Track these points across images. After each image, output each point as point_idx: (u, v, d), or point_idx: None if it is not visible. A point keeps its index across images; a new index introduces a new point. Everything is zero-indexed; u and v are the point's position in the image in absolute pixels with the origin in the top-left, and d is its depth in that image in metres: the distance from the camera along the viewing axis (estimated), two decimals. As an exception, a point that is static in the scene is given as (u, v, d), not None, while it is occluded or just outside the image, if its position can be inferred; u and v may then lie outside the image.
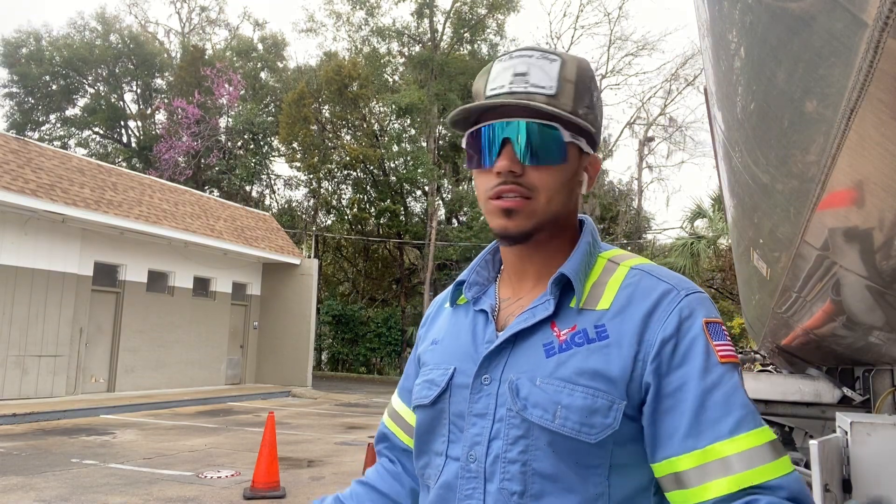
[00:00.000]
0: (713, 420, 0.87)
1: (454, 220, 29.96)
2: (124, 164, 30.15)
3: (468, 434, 0.97)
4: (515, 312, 1.01)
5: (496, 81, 0.98)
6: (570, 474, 0.91)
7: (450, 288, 1.15)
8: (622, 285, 0.97)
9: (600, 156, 1.08)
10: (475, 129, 0.99)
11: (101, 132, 34.09)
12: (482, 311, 1.05)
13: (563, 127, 0.96)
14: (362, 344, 26.45)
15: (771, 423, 2.99)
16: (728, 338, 0.93)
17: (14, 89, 32.06)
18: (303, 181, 30.57)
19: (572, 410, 0.90)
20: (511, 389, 0.94)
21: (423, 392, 1.05)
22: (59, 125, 33.69)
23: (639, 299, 0.95)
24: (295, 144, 27.88)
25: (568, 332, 0.95)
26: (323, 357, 28.06)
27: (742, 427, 0.86)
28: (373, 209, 29.46)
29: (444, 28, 29.51)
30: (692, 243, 21.44)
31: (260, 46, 34.01)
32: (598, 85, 1.06)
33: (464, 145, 1.03)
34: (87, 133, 34.22)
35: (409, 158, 26.93)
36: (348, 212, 29.81)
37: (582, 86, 0.98)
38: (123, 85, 33.73)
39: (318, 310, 20.67)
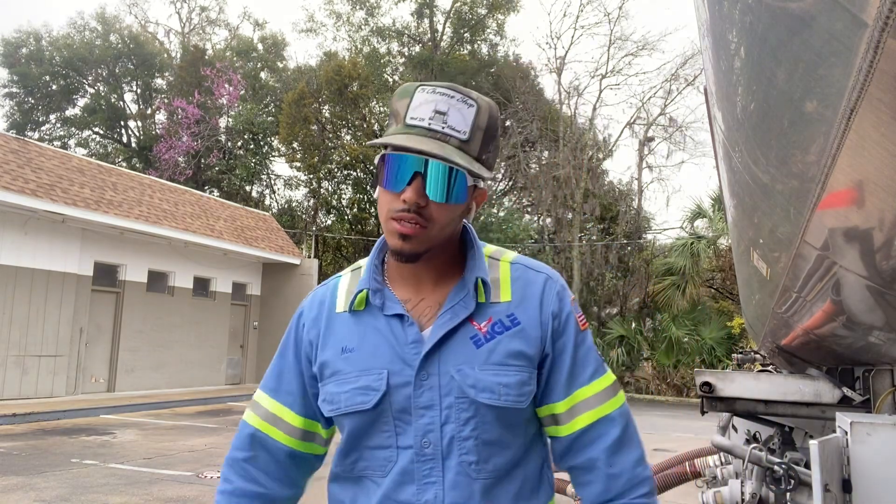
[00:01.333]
0: (579, 372, 1.19)
1: (454, 220, 29.89)
2: (124, 164, 30.16)
3: (418, 425, 1.12)
4: (428, 314, 1.16)
5: (417, 112, 1.09)
6: (507, 435, 1.15)
7: (335, 292, 1.24)
8: (512, 279, 1.20)
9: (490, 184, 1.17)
10: (391, 154, 1.09)
11: (101, 132, 34.08)
12: (396, 315, 1.15)
13: (468, 173, 1.10)
14: (362, 344, 26.37)
15: (771, 424, 2.99)
16: (580, 310, 1.24)
17: (14, 89, 32.04)
18: (303, 181, 30.57)
19: (511, 387, 1.12)
20: (456, 380, 1.11)
21: (359, 398, 1.13)
22: (59, 125, 33.68)
23: (530, 289, 1.20)
24: (295, 144, 27.88)
25: (487, 325, 1.15)
26: (323, 357, 27.96)
27: (596, 374, 1.20)
28: (373, 209, 29.46)
29: (444, 28, 29.52)
30: (692, 243, 21.43)
31: (260, 46, 34.00)
32: (499, 127, 1.19)
33: (376, 162, 1.14)
34: (87, 133, 34.21)
35: (409, 158, 26.86)
36: (348, 212, 29.82)
37: (489, 133, 1.13)
38: (123, 85, 33.72)
39: (318, 310, 20.66)
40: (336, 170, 28.33)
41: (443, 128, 1.08)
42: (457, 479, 1.10)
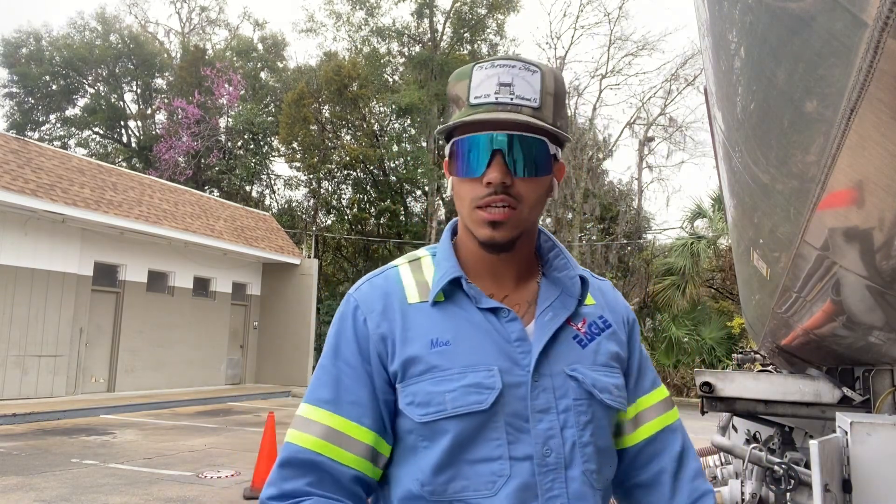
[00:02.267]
0: (643, 379, 1.17)
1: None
2: (124, 164, 30.16)
3: (537, 431, 1.00)
4: (520, 311, 1.07)
5: (480, 89, 1.02)
6: (612, 443, 1.11)
7: (399, 282, 1.09)
8: (589, 285, 1.15)
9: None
10: (463, 137, 1.03)
11: (101, 132, 34.08)
12: (492, 309, 1.04)
13: (549, 140, 1.03)
14: (362, 344, 26.38)
15: (771, 424, 2.99)
16: None
17: (14, 89, 32.05)
18: (303, 181, 30.57)
19: (619, 388, 1.08)
20: (573, 380, 1.04)
21: (472, 398, 0.98)
22: (59, 125, 33.68)
23: (608, 294, 1.19)
24: (295, 144, 27.88)
25: (583, 325, 1.10)
26: (323, 357, 27.99)
27: (656, 383, 1.19)
28: (373, 209, 29.47)
29: (444, 28, 29.52)
30: (692, 243, 21.43)
31: (260, 46, 34.00)
32: (566, 92, 1.13)
33: (447, 152, 1.07)
34: (87, 133, 34.21)
35: (408, 158, 26.94)
36: (348, 212, 29.82)
37: (559, 98, 1.05)
38: (123, 85, 33.72)
39: (318, 310, 20.67)
40: (336, 170, 28.33)
41: (511, 99, 1.00)
42: (582, 490, 1.00)
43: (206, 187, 28.95)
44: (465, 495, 0.97)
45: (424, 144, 27.52)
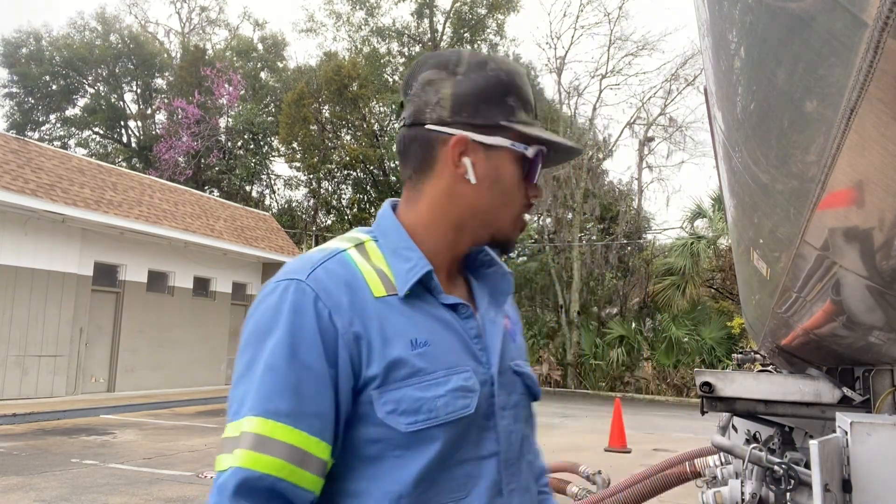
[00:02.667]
0: None
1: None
2: (124, 164, 30.16)
3: (500, 427, 0.99)
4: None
5: (531, 101, 1.05)
6: None
7: (357, 272, 0.96)
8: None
9: None
10: (543, 150, 1.04)
11: (101, 132, 34.10)
12: (453, 305, 1.00)
13: None
14: (362, 344, 26.40)
15: (771, 424, 3.00)
16: None
17: (14, 89, 32.07)
18: (303, 181, 30.59)
19: (535, 381, 1.11)
20: (518, 375, 1.05)
21: (460, 402, 0.93)
22: (59, 125, 33.71)
23: None
24: (295, 144, 27.90)
25: (508, 321, 1.11)
26: (323, 357, 27.99)
27: None
28: (373, 209, 29.46)
29: (444, 28, 29.53)
30: (692, 243, 21.44)
31: (260, 46, 34.02)
32: None
33: (531, 154, 1.03)
34: (87, 133, 34.24)
35: (409, 158, 26.90)
36: (348, 212, 29.82)
37: None
38: (123, 85, 33.74)
39: (318, 310, 20.68)
40: (336, 170, 28.35)
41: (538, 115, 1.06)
42: (527, 481, 1.03)
43: (206, 187, 28.96)
44: (437, 499, 0.92)
45: (424, 144, 27.47)
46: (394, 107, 26.19)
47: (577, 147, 1.07)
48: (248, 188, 30.77)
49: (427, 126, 1.00)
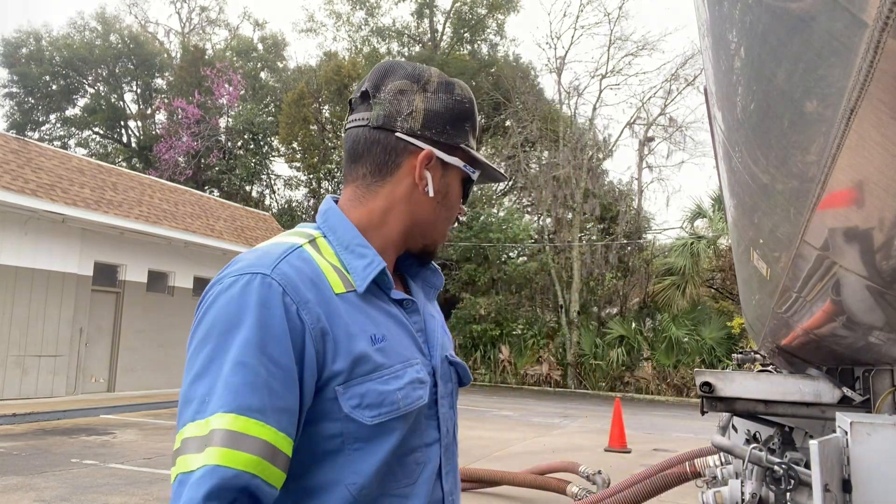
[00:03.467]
0: None
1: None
2: (124, 164, 30.16)
3: (441, 414, 1.06)
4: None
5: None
6: None
7: (318, 269, 0.97)
8: None
9: None
10: (478, 173, 1.14)
11: (101, 132, 34.10)
12: (400, 300, 1.06)
13: None
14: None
15: (771, 424, 3.00)
16: None
17: (14, 89, 32.07)
18: (303, 181, 30.59)
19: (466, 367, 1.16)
20: (451, 365, 1.12)
21: (416, 394, 0.98)
22: (59, 125, 33.71)
23: None
24: (295, 144, 27.91)
25: (437, 312, 1.18)
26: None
27: None
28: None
29: (444, 28, 29.55)
30: (692, 243, 21.44)
31: (260, 46, 34.03)
32: None
33: (475, 177, 1.15)
34: (87, 133, 34.24)
35: (409, 158, 26.91)
36: (348, 212, 29.80)
37: None
38: (123, 85, 33.74)
39: (318, 310, 20.69)
40: (336, 170, 28.34)
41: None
42: (455, 464, 1.11)
43: (206, 187, 28.96)
44: (390, 487, 0.95)
45: (424, 144, 27.47)
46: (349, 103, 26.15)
47: (504, 176, 1.21)
48: (248, 188, 30.78)
49: (397, 134, 1.05)
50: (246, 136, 29.81)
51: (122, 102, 34.00)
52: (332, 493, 0.92)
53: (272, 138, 30.21)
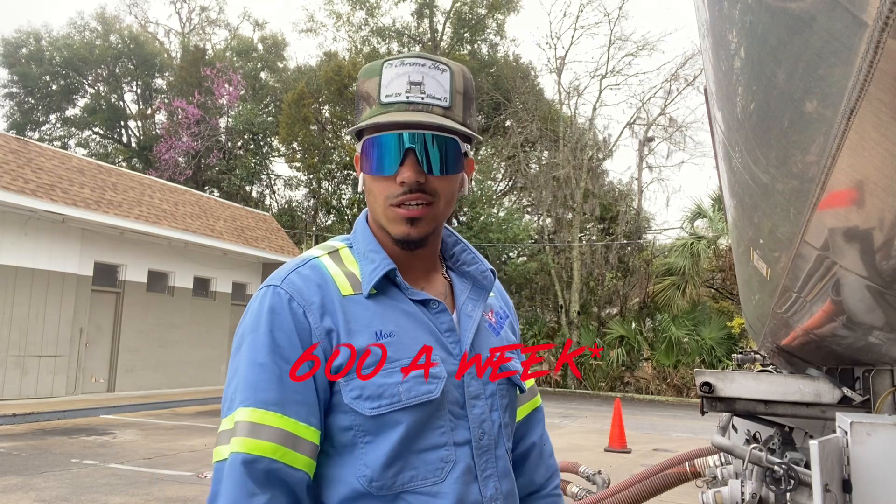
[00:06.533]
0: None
1: (454, 220, 29.99)
2: (124, 164, 30.15)
3: (473, 415, 1.05)
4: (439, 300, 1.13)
5: (390, 87, 1.03)
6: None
7: (327, 275, 1.06)
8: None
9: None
10: (375, 136, 1.04)
11: (101, 132, 34.09)
12: (423, 301, 1.08)
13: (460, 139, 1.06)
14: (362, 344, 26.38)
15: (771, 424, 2.99)
16: None
17: (14, 89, 32.06)
18: (303, 181, 30.57)
19: (520, 372, 1.15)
20: (495, 366, 1.11)
21: (424, 387, 1.00)
22: (59, 125, 33.70)
23: (498, 287, 1.27)
24: (295, 144, 27.91)
25: (492, 315, 1.18)
26: (323, 357, 27.98)
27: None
28: (373, 209, 29.44)
29: (444, 28, 29.54)
30: (692, 243, 21.43)
31: (260, 46, 34.01)
32: (475, 89, 1.14)
33: (358, 150, 1.09)
34: (87, 133, 34.23)
35: (409, 158, 26.91)
36: (348, 212, 29.80)
37: (468, 96, 1.08)
38: (123, 85, 33.73)
39: (318, 310, 20.68)
40: (336, 170, 28.34)
41: (422, 98, 1.02)
42: (506, 467, 1.09)
43: (206, 187, 28.95)
44: (414, 485, 0.99)
45: (424, 144, 27.45)
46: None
47: (402, 121, 1.02)
48: (248, 188, 30.76)
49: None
50: (246, 137, 29.81)
51: (122, 102, 33.99)
52: (347, 483, 0.99)
53: (272, 138, 30.20)
